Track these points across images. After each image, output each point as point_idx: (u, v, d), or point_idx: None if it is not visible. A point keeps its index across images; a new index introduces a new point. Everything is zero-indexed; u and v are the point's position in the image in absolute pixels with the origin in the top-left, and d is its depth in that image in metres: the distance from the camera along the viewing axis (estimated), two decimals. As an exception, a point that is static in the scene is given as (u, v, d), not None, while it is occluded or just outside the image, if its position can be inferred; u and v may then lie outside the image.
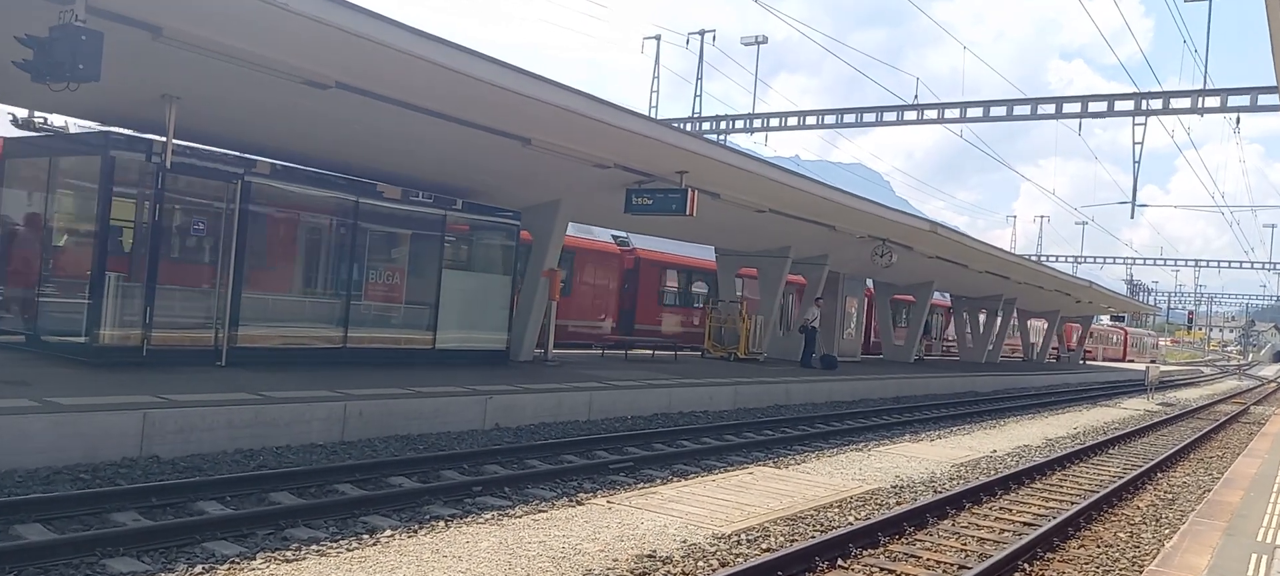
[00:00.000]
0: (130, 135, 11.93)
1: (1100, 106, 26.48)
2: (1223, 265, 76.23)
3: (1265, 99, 24.13)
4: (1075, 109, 26.57)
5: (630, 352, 22.02)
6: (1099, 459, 14.58)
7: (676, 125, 24.14)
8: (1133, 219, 37.04)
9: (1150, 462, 13.76)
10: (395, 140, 13.46)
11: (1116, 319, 72.29)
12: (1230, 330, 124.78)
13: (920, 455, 12.89)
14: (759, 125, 32.23)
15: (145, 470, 8.14)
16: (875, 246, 24.43)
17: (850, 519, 8.52)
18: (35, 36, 8.13)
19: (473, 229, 17.13)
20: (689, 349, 24.75)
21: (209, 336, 12.35)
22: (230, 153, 12.92)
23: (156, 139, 11.55)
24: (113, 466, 8.07)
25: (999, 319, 40.44)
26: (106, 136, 11.80)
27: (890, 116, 29.34)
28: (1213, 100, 24.76)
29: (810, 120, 31.10)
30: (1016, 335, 48.21)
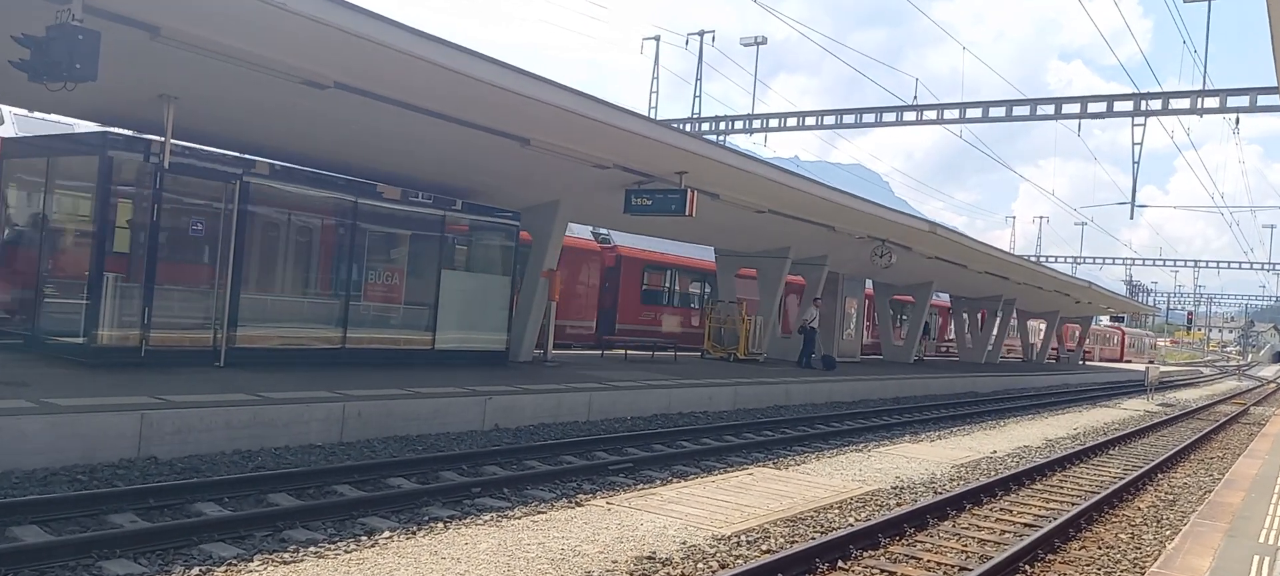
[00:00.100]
0: (129, 135, 11.91)
1: (1099, 107, 26.45)
2: (1222, 266, 76.32)
3: (1265, 99, 24.13)
4: (1074, 109, 26.54)
5: (630, 353, 21.98)
6: (1099, 459, 14.56)
7: (676, 126, 24.12)
8: (1132, 219, 37.14)
9: (1151, 463, 13.74)
10: (395, 140, 13.44)
11: (1116, 319, 72.31)
12: (1229, 331, 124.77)
13: (920, 456, 12.87)
14: (758, 126, 32.21)
15: (143, 471, 8.11)
16: (875, 247, 24.42)
17: (850, 520, 8.50)
18: (32, 36, 8.12)
19: (472, 229, 17.10)
20: (677, 349, 24.01)
21: (207, 337, 12.33)
22: (229, 153, 12.89)
23: (155, 139, 11.52)
24: (110, 467, 8.04)
25: (998, 319, 40.43)
26: (105, 137, 11.78)
27: (890, 117, 29.31)
28: (1212, 101, 24.74)
29: (810, 121, 31.07)
30: (1015, 336, 48.18)
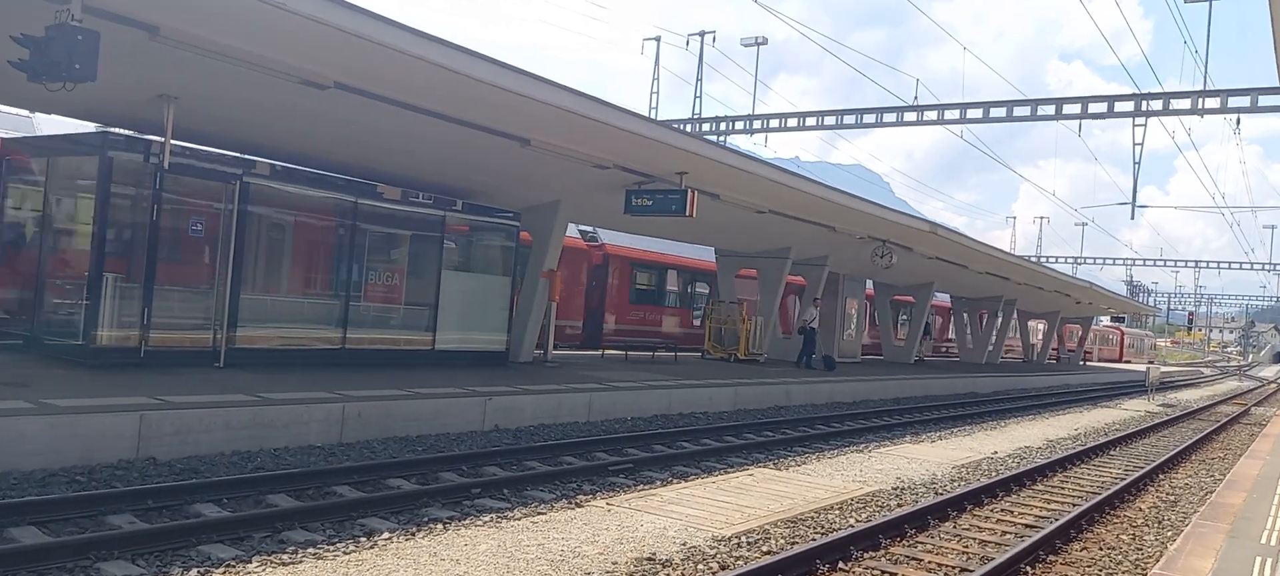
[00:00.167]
0: (129, 136, 11.90)
1: (1100, 107, 26.40)
2: (1223, 266, 76.29)
3: (1266, 100, 24.09)
4: (1075, 110, 26.50)
5: (630, 354, 21.95)
6: (1100, 460, 14.54)
7: (676, 126, 24.05)
8: (1133, 220, 37.04)
9: (1152, 464, 13.72)
10: (395, 141, 13.42)
11: (1117, 320, 72.27)
12: (1230, 331, 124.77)
13: (921, 456, 12.85)
14: (759, 126, 32.18)
15: (142, 472, 8.09)
16: (875, 247, 24.39)
17: (851, 521, 8.48)
18: (31, 36, 8.10)
19: (472, 230, 17.08)
20: (664, 350, 23.54)
21: (207, 337, 12.31)
22: (228, 153, 12.88)
23: (154, 139, 11.51)
24: (109, 468, 8.02)
25: (999, 320, 40.40)
26: (104, 137, 11.77)
27: (890, 117, 29.28)
28: (1213, 101, 24.70)
29: (810, 121, 31.03)
30: (1016, 336, 48.14)
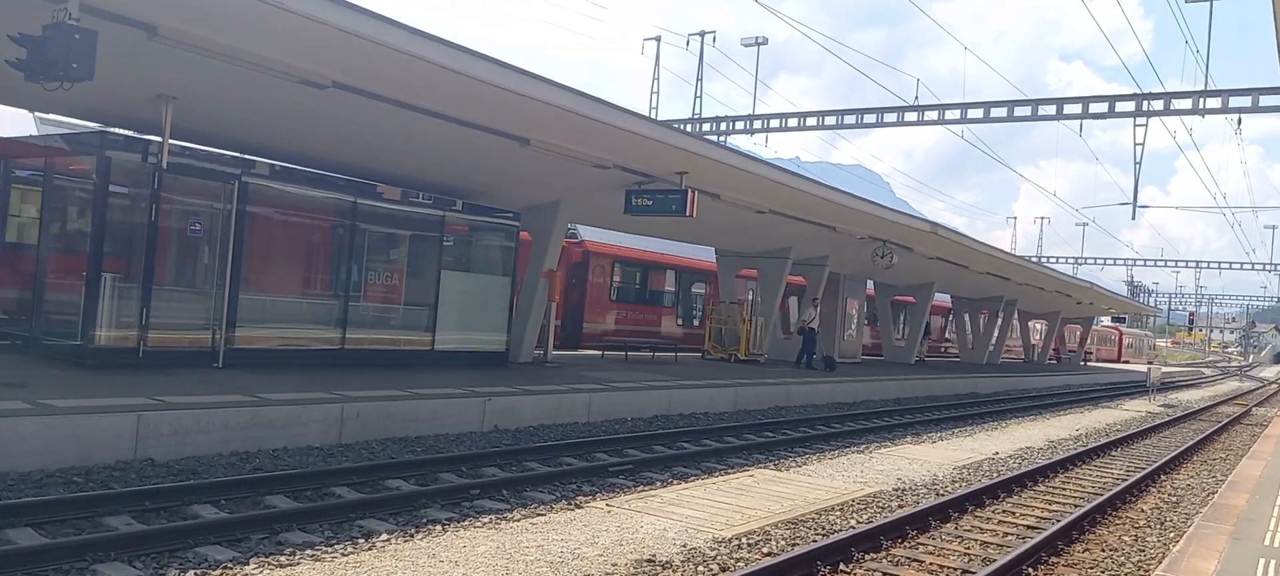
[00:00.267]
0: (127, 135, 11.88)
1: (1101, 107, 26.37)
2: (1223, 266, 76.25)
3: (1267, 99, 24.05)
4: (1076, 110, 26.48)
5: (630, 354, 21.90)
6: (1102, 461, 14.50)
7: (677, 126, 24.01)
8: (1134, 220, 37.02)
9: (1154, 465, 13.68)
10: (394, 140, 13.39)
11: (1118, 320, 72.22)
12: (1231, 331, 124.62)
13: (922, 457, 12.81)
14: (759, 126, 32.16)
15: (139, 473, 8.05)
16: (876, 247, 24.36)
17: (852, 522, 8.45)
18: (29, 35, 8.07)
19: (472, 230, 17.05)
20: (647, 350, 22.82)
21: (206, 338, 12.27)
22: (227, 153, 12.85)
23: (153, 139, 11.48)
24: (106, 469, 7.99)
25: (999, 320, 40.37)
26: (103, 137, 11.73)
27: (890, 117, 29.26)
28: (1214, 101, 24.67)
29: (810, 121, 31.02)
30: (1016, 337, 48.09)
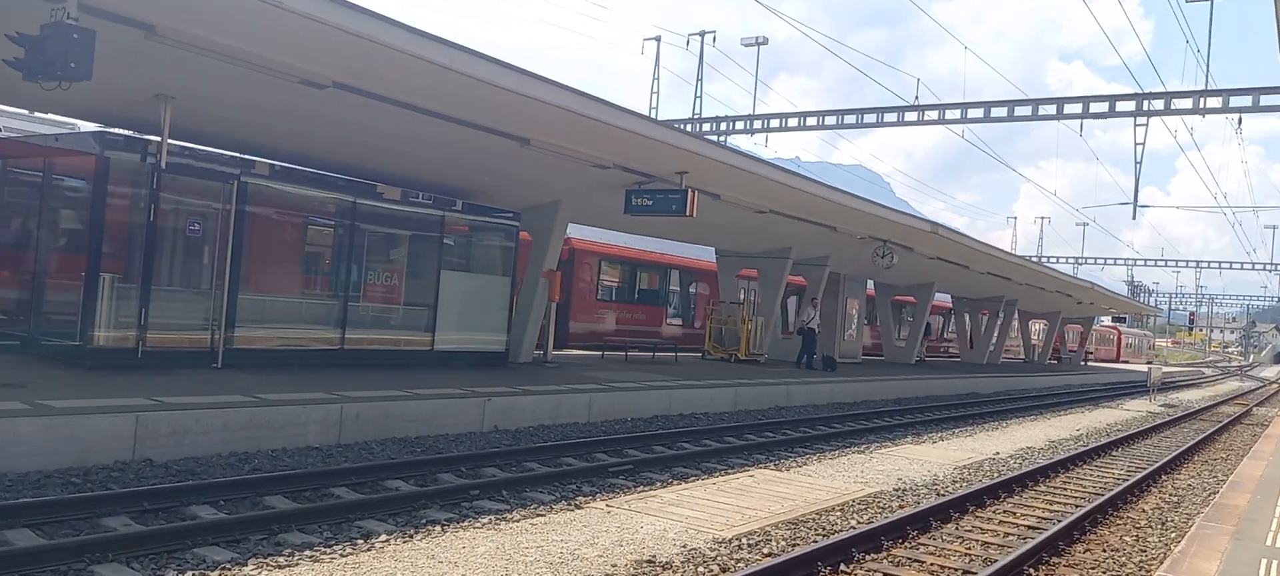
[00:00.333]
0: (126, 135, 11.86)
1: (1102, 107, 26.33)
2: (1224, 266, 76.19)
3: (1268, 99, 24.02)
4: (1077, 109, 26.44)
5: (630, 354, 21.88)
6: (1103, 461, 14.47)
7: (677, 126, 23.97)
8: (1134, 220, 36.97)
9: (1155, 465, 13.65)
10: (394, 140, 13.36)
11: (1118, 320, 72.21)
12: (1231, 331, 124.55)
13: (922, 457, 12.79)
14: (759, 126, 32.13)
15: (138, 474, 8.02)
16: (876, 247, 24.33)
17: (852, 522, 8.42)
18: (26, 34, 8.04)
19: (472, 230, 17.02)
20: (636, 351, 22.45)
21: (205, 338, 12.25)
22: (226, 153, 12.83)
23: (152, 139, 11.45)
24: (105, 470, 7.96)
25: (1000, 320, 40.35)
26: (102, 136, 11.72)
27: (891, 117, 29.22)
28: (1215, 100, 24.64)
29: (810, 121, 31.00)
30: (1016, 337, 48.05)
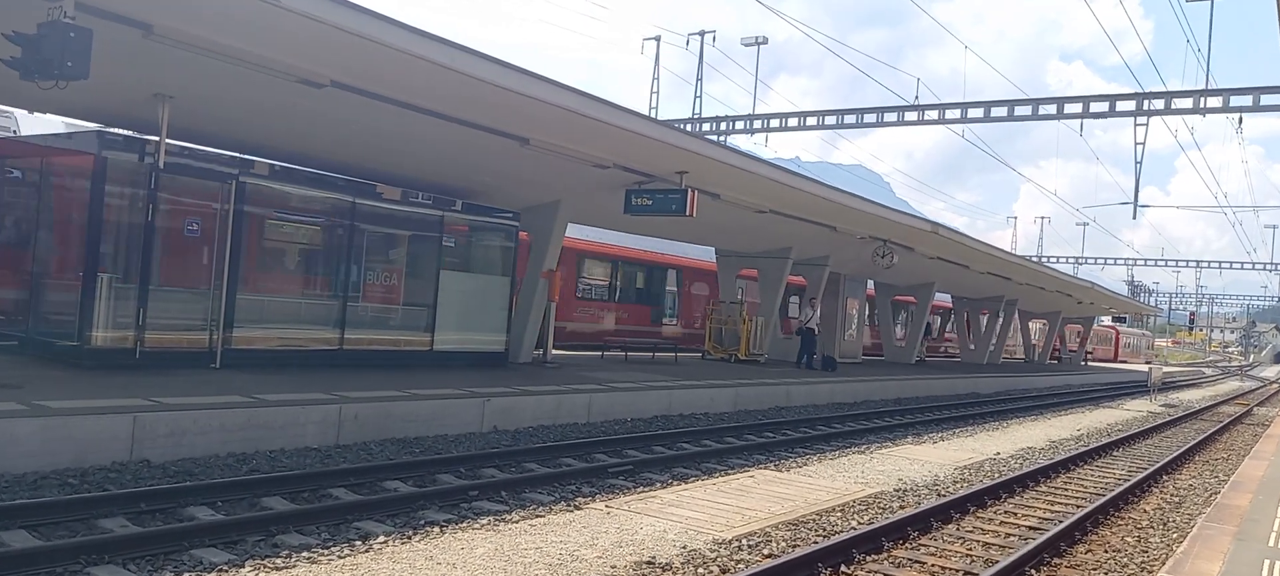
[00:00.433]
0: (124, 135, 11.81)
1: (1102, 106, 26.29)
2: (1224, 266, 76.13)
3: (1268, 99, 23.98)
4: (1077, 109, 26.39)
5: (630, 354, 21.83)
6: (1104, 461, 14.44)
7: (677, 126, 23.90)
8: (1134, 220, 36.95)
9: (1156, 465, 13.63)
10: (394, 140, 13.33)
11: (1119, 320, 72.19)
12: (1231, 331, 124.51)
13: (923, 457, 12.76)
14: (759, 126, 32.07)
15: (135, 474, 7.99)
16: (876, 247, 24.30)
17: (853, 523, 8.39)
18: (23, 33, 8.01)
19: (471, 230, 16.98)
20: (618, 351, 22.16)
21: (204, 338, 12.21)
22: (225, 153, 12.79)
23: (150, 139, 11.42)
24: (102, 471, 7.93)
25: (1000, 320, 40.32)
26: (100, 136, 11.67)
27: (891, 117, 29.17)
28: (1215, 100, 24.59)
29: (811, 121, 30.94)
30: (1016, 338, 48.01)
